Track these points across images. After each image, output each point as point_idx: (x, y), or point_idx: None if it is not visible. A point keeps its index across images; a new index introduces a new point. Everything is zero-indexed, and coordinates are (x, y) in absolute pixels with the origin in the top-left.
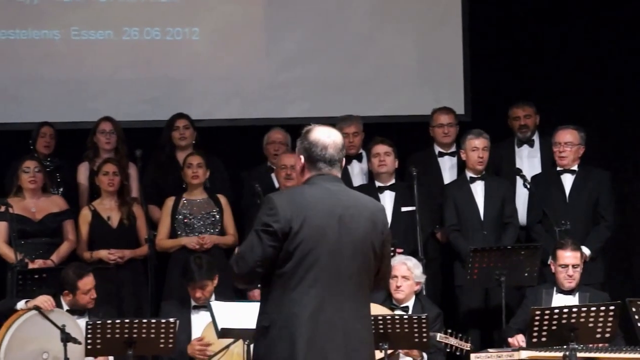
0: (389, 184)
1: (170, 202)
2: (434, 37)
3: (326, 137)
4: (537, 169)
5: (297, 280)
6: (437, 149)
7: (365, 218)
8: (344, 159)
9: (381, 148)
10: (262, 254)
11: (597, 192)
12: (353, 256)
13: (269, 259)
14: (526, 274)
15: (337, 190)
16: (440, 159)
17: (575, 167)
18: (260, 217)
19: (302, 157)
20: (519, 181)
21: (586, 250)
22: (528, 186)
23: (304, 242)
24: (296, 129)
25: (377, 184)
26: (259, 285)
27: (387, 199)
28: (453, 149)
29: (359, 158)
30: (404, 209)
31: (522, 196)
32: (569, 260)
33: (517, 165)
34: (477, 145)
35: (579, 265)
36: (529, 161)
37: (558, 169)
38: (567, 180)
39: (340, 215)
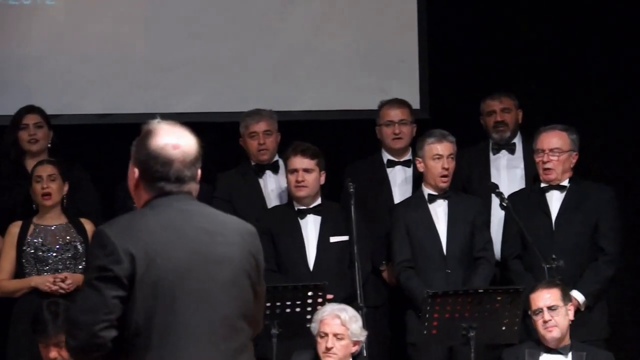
0: (312, 205)
1: (15, 228)
2: (381, 7)
3: (171, 147)
4: (520, 184)
5: (153, 344)
6: (387, 157)
7: (237, 246)
8: (199, 172)
9: (299, 162)
10: (105, 310)
11: (595, 215)
12: (229, 299)
13: (117, 315)
14: (504, 328)
15: (193, 211)
16: (389, 170)
17: (565, 182)
18: (92, 261)
19: (136, 170)
20: (495, 201)
21: (578, 296)
22: (506, 207)
23: (156, 288)
24: (195, 126)
25: (297, 206)
26: None
27: (310, 226)
28: (408, 156)
29: (274, 168)
30: (333, 239)
31: (499, 221)
32: (542, 302)
33: (493, 179)
34: (440, 152)
35: (557, 307)
36: (508, 173)
37: (542, 185)
38: (555, 200)
39: (204, 247)
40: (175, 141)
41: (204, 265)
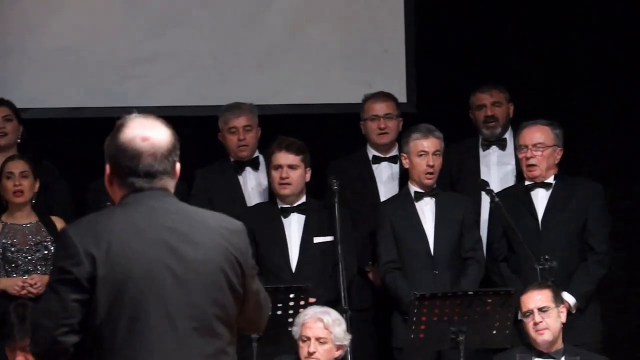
0: (296, 203)
1: None
2: None
3: (140, 139)
4: (511, 181)
5: (118, 348)
6: (372, 152)
7: (214, 246)
8: (177, 165)
9: (284, 158)
10: (65, 314)
11: (583, 213)
12: (201, 302)
13: (78, 320)
14: (495, 332)
15: (165, 210)
16: (375, 167)
17: (551, 180)
18: (55, 263)
19: (108, 166)
20: (485, 199)
21: (569, 298)
22: (497, 206)
23: (119, 290)
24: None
25: (280, 204)
26: None
27: (294, 225)
28: (394, 152)
29: (254, 164)
30: (318, 239)
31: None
32: (533, 303)
33: (483, 176)
34: (426, 149)
35: (548, 309)
36: (499, 170)
37: (527, 183)
38: (540, 199)
39: (173, 246)
40: (144, 133)
41: (173, 267)
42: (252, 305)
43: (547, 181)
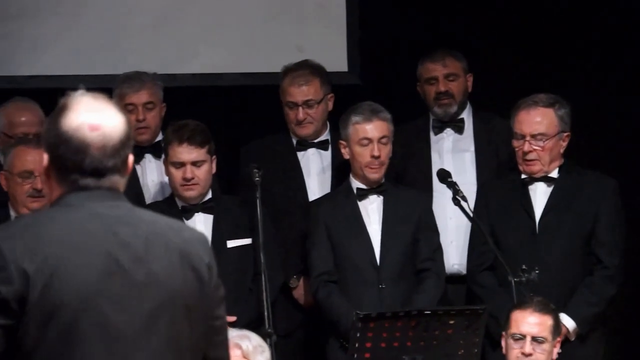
0: (201, 201)
1: None
2: None
3: (88, 128)
4: (470, 172)
5: None
6: (296, 137)
7: (171, 259)
8: (129, 158)
9: (186, 154)
10: None
11: (591, 215)
12: (151, 329)
13: (1, 350)
14: None
15: (116, 218)
16: (301, 154)
17: (554, 174)
18: None
19: (45, 155)
20: (445, 193)
21: (568, 322)
22: (461, 202)
23: (52, 317)
24: (45, 97)
25: (180, 202)
26: None
27: (200, 228)
28: (324, 135)
29: (155, 150)
30: (232, 243)
31: (449, 220)
32: (527, 328)
33: (434, 166)
34: (370, 136)
35: (545, 341)
36: (454, 158)
37: (523, 176)
38: (540, 195)
39: (121, 260)
40: (93, 120)
41: (115, 287)
42: (220, 340)
43: (549, 175)
